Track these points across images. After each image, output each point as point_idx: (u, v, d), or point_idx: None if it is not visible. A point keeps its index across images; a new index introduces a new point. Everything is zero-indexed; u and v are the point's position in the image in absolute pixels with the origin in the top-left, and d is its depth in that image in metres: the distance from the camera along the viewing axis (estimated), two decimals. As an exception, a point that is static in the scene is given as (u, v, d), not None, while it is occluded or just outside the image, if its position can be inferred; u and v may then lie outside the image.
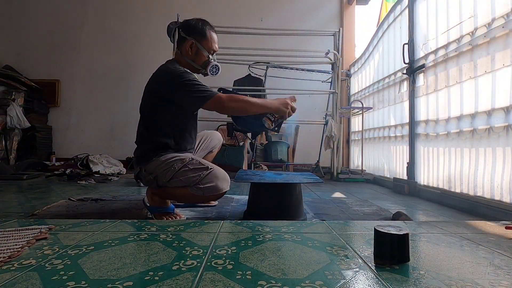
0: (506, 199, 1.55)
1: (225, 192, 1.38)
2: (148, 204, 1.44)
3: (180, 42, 1.47)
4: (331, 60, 3.64)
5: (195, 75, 1.43)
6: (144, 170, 1.40)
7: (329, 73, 3.91)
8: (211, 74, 1.48)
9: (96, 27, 4.86)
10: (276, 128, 1.45)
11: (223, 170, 1.40)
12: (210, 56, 1.46)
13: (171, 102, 1.36)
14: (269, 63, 3.92)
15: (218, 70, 1.49)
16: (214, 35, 1.48)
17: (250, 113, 1.36)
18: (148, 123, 1.42)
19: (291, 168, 4.26)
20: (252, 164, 3.89)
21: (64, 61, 4.80)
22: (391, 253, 0.75)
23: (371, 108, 3.48)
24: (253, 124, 1.46)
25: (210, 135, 1.78)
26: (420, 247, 0.88)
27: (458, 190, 1.92)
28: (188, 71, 1.39)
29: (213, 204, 1.72)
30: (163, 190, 1.39)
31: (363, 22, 5.15)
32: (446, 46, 2.07)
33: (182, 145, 1.45)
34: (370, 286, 0.62)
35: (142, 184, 2.44)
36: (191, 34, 1.44)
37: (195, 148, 1.61)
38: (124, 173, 3.53)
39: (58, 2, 4.84)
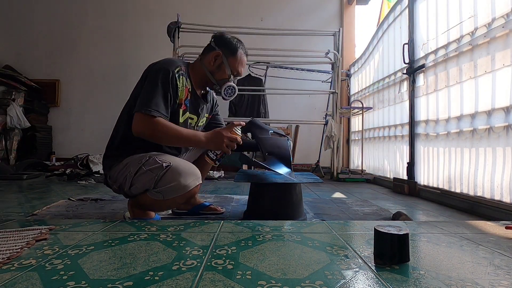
0: (506, 199, 1.55)
1: (194, 189, 1.15)
2: (129, 217, 1.26)
3: (206, 50, 1.32)
4: (331, 60, 3.64)
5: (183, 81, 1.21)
6: (108, 178, 1.24)
7: (329, 73, 3.91)
8: (224, 94, 1.31)
9: (96, 27, 4.86)
10: (217, 163, 1.31)
11: (187, 163, 1.18)
12: (232, 77, 1.31)
13: None
14: (269, 63, 3.92)
15: (234, 94, 1.32)
16: (244, 59, 1.34)
17: (180, 146, 1.27)
18: (121, 118, 1.26)
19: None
20: (252, 164, 3.89)
21: (64, 61, 4.80)
22: (391, 253, 0.75)
23: (371, 108, 3.48)
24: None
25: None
26: (420, 247, 0.88)
27: (458, 190, 1.92)
28: (170, 70, 1.17)
29: (221, 211, 1.52)
30: (136, 199, 1.22)
31: (363, 22, 5.15)
32: (446, 46, 2.07)
33: (156, 147, 1.23)
34: (370, 286, 0.62)
35: None
36: (221, 46, 1.29)
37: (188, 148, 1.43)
38: (124, 173, 3.52)
39: (58, 2, 4.84)
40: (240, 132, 1.23)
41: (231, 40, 1.31)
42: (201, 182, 1.19)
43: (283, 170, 1.28)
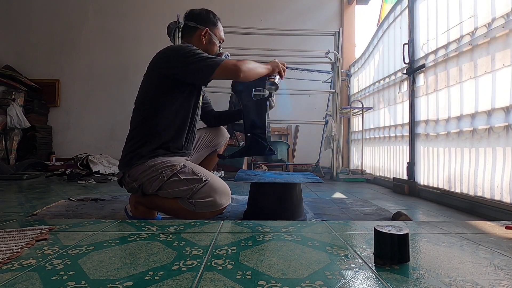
0: (506, 199, 1.55)
1: (225, 208, 1.20)
2: (130, 214, 1.27)
3: (189, 32, 1.37)
4: (331, 60, 3.65)
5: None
6: (127, 176, 1.22)
7: (329, 73, 3.91)
8: None
9: (96, 27, 4.86)
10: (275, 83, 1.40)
11: (222, 181, 1.23)
12: (220, 45, 1.43)
13: (165, 84, 1.20)
14: (269, 63, 3.91)
15: (228, 58, 1.41)
16: (221, 25, 1.45)
17: (258, 75, 1.30)
18: (138, 115, 1.25)
19: (291, 168, 4.26)
20: (252, 164, 3.89)
21: (64, 61, 4.81)
22: (391, 253, 0.75)
23: (371, 108, 3.48)
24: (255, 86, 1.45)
25: (212, 131, 1.56)
26: (420, 247, 0.88)
27: (458, 190, 1.92)
28: (191, 45, 1.25)
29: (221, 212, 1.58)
30: (149, 199, 1.22)
31: (363, 22, 5.16)
32: (446, 46, 2.07)
33: (177, 143, 1.26)
34: (370, 286, 0.62)
35: None
36: (202, 23, 1.36)
37: (193, 147, 1.46)
38: (124, 173, 3.52)
39: (58, 2, 4.84)
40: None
41: (207, 13, 1.41)
42: (230, 202, 1.25)
43: (261, 149, 1.42)
